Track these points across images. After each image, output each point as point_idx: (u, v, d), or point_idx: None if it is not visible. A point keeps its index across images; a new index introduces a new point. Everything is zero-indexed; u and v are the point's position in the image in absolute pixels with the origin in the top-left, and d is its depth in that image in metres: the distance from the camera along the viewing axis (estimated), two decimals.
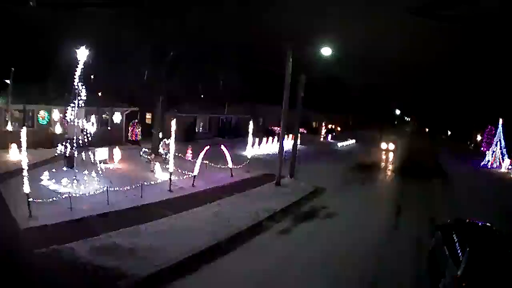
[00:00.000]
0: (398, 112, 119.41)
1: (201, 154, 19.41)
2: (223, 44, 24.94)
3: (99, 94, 25.87)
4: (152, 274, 9.35)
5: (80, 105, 16.39)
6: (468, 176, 29.75)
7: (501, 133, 38.36)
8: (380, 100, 79.77)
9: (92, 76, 19.78)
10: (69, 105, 16.44)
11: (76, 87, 16.22)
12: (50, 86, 24.95)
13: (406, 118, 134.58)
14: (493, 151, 38.81)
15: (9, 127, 21.43)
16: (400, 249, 12.67)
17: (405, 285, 10.15)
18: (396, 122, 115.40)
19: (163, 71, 24.31)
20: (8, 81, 21.60)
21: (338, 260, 11.29)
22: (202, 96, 36.55)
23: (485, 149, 44.82)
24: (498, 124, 38.55)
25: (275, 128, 44.24)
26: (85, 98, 16.55)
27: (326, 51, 20.47)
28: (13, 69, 20.80)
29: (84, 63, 16.09)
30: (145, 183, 16.51)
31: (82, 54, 16.07)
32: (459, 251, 9.12)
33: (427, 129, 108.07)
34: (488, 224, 11.52)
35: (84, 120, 17.00)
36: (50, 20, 20.96)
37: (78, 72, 16.14)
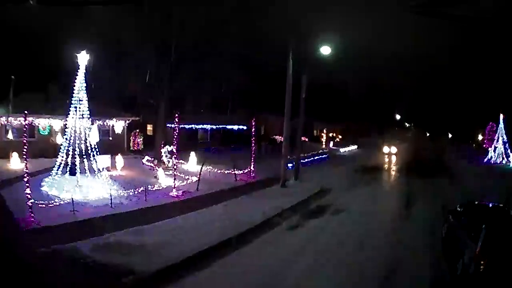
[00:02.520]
0: (398, 117, 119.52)
1: (203, 159, 19.18)
2: (224, 45, 24.85)
3: (100, 104, 25.64)
4: (161, 270, 9.03)
5: (81, 115, 16.14)
6: (471, 172, 29.43)
7: (503, 128, 37.74)
8: (380, 107, 79.83)
9: (92, 85, 19.58)
10: (69, 115, 16.23)
11: (76, 95, 15.99)
12: (51, 94, 24.76)
13: (406, 124, 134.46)
14: (495, 147, 38.41)
15: (10, 136, 21.24)
16: (412, 235, 12.61)
17: (419, 272, 9.79)
18: (396, 128, 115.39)
19: (166, 71, 24.08)
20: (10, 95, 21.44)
21: (351, 250, 11.12)
22: (203, 105, 36.40)
23: (487, 146, 44.34)
24: (499, 120, 37.97)
25: (277, 137, 43.91)
26: (86, 106, 16.32)
27: (325, 49, 20.47)
28: (13, 77, 20.64)
29: (84, 68, 15.92)
30: (149, 187, 16.25)
31: (83, 58, 15.89)
32: (475, 230, 9.19)
33: (427, 134, 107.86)
34: (497, 204, 11.70)
35: (87, 127, 16.69)
36: (49, 22, 20.79)
37: (79, 78, 15.93)
